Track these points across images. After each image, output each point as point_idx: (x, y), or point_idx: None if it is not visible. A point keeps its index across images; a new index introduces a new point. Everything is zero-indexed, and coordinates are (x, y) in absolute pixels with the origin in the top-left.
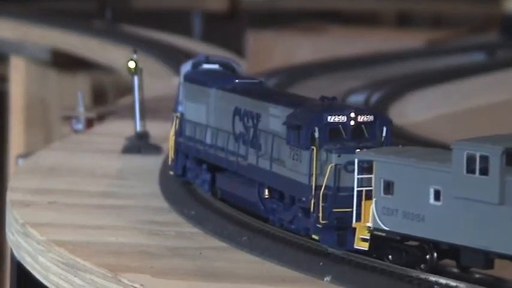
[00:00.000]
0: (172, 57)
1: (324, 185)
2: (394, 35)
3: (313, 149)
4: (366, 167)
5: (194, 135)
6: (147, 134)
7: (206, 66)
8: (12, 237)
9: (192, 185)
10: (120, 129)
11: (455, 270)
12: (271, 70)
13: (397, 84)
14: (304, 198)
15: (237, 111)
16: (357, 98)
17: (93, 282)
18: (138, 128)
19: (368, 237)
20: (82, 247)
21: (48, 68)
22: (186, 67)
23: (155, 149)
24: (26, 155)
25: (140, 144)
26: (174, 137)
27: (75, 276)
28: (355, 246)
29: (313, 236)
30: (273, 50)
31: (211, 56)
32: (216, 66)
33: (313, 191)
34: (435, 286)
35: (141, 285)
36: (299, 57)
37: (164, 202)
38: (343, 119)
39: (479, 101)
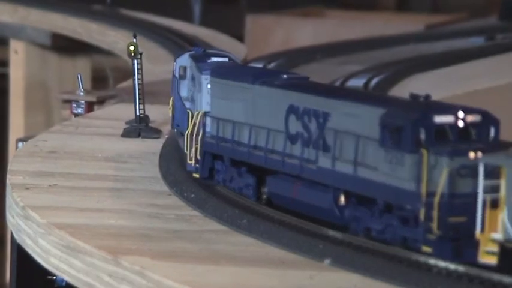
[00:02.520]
0: (172, 42)
1: (438, 192)
2: (393, 19)
3: (422, 153)
4: (489, 172)
5: (230, 135)
6: (147, 118)
7: (215, 59)
8: (13, 220)
9: (218, 186)
10: (120, 113)
11: None
12: (270, 54)
13: (397, 68)
14: (409, 206)
15: (292, 110)
16: (357, 82)
17: (93, 265)
18: (138, 112)
19: (495, 250)
20: (82, 230)
21: (48, 51)
22: (182, 60)
23: (155, 133)
24: (25, 139)
25: (140, 127)
26: (196, 137)
27: (75, 259)
28: (480, 260)
29: (424, 248)
30: (272, 34)
31: (208, 48)
32: (226, 59)
33: (424, 198)
34: (434, 268)
35: (141, 267)
36: (298, 41)
37: (164, 185)
38: (450, 119)
39: (478, 85)
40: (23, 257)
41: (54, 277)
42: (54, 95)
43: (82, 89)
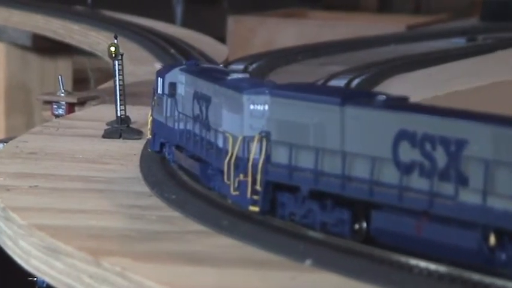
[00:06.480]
0: (154, 43)
1: None
2: (375, 20)
3: None
4: None
5: (310, 164)
6: (128, 119)
7: (235, 75)
8: None
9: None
10: (101, 114)
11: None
12: (251, 55)
13: (379, 69)
14: None
15: (404, 136)
16: (339, 82)
17: (74, 266)
18: (119, 113)
19: None
20: (63, 231)
21: (29, 52)
22: (172, 76)
23: (136, 134)
24: (6, 140)
25: (121, 128)
26: (253, 166)
27: (56, 260)
28: None
29: None
30: (255, 35)
31: (201, 63)
32: (247, 76)
33: None
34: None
35: (122, 268)
36: (281, 42)
37: (145, 186)
38: None
39: (460, 86)
40: (3, 259)
41: (35, 279)
42: (35, 96)
43: (63, 90)
